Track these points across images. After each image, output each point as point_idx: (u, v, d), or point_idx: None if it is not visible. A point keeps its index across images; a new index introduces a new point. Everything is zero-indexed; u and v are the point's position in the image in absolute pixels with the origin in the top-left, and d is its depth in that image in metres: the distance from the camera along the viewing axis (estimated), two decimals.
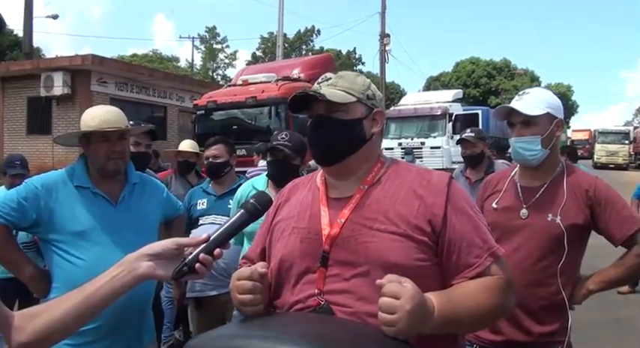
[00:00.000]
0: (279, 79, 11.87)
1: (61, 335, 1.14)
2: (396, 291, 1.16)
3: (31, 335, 1.09)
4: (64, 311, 1.12)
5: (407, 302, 1.14)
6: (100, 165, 2.28)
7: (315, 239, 1.40)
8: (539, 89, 2.28)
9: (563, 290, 2.12)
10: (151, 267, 1.19)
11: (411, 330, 1.16)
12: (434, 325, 1.22)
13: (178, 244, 1.23)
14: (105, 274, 1.18)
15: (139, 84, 17.91)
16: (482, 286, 1.32)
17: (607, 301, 4.89)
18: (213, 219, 3.54)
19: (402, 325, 1.14)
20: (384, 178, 1.44)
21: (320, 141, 1.46)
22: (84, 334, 2.12)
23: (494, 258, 1.34)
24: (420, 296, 1.18)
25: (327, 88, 1.44)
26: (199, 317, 3.68)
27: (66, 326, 1.13)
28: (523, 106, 2.14)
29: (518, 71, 53.05)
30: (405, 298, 1.15)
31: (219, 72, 52.99)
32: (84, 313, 1.14)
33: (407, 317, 1.14)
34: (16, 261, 2.30)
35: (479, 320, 1.35)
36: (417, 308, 1.15)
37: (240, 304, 1.34)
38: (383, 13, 27.06)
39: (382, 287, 1.18)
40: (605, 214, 2.12)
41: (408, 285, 1.17)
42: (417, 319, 1.16)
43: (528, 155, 2.17)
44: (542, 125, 2.15)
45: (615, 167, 28.84)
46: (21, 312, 1.13)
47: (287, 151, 2.87)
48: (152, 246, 1.22)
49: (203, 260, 1.23)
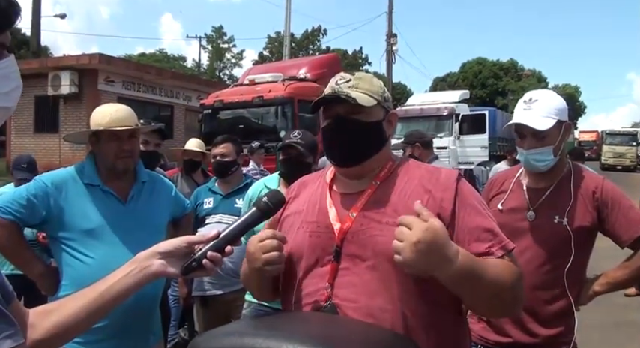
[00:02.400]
0: (286, 79, 11.84)
1: (74, 332, 1.16)
2: (410, 221, 1.17)
3: (45, 332, 1.10)
4: (78, 308, 1.14)
5: (415, 233, 1.14)
6: (110, 164, 2.28)
7: (324, 233, 1.40)
8: (546, 93, 2.22)
9: (570, 292, 2.11)
10: (163, 265, 1.21)
11: (417, 262, 1.16)
12: (451, 272, 1.20)
13: (189, 242, 1.24)
14: (117, 272, 1.20)
15: (146, 83, 17.97)
16: (503, 265, 1.31)
17: (613, 303, 4.86)
18: (219, 218, 3.55)
19: (406, 255, 1.15)
20: (394, 175, 1.45)
21: (341, 142, 1.45)
22: (93, 332, 2.11)
23: (505, 251, 1.33)
24: (437, 233, 1.16)
25: (350, 89, 1.43)
26: (205, 316, 3.68)
27: (79, 323, 1.14)
28: (534, 121, 2.08)
29: (525, 72, 52.87)
30: (417, 229, 1.15)
31: (225, 71, 53.12)
32: (97, 310, 1.16)
33: (412, 247, 1.14)
34: (26, 258, 2.31)
35: (493, 295, 1.30)
36: (425, 241, 1.14)
37: (266, 263, 1.35)
38: (390, 13, 27.02)
39: (400, 219, 1.19)
40: (611, 216, 2.10)
41: (427, 221, 1.16)
42: (426, 253, 1.15)
43: (541, 165, 2.15)
44: (554, 135, 2.12)
45: (623, 169, 28.66)
46: (35, 309, 1.14)
47: (300, 149, 2.86)
48: (163, 244, 1.24)
49: (211, 257, 1.23)
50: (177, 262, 1.23)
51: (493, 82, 51.33)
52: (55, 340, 1.12)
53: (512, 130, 2.24)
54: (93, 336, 2.12)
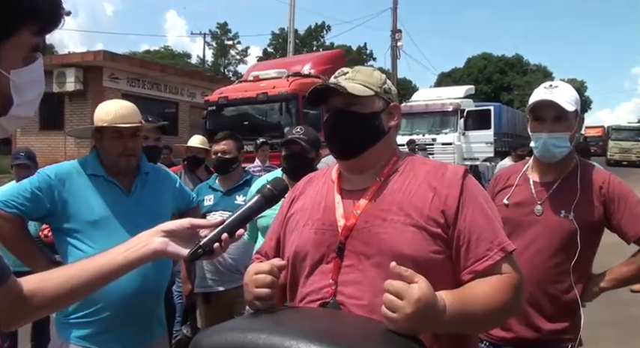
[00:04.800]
0: (290, 75, 11.86)
1: (71, 299, 1.23)
2: (400, 290, 1.13)
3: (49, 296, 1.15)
4: (79, 277, 1.18)
5: (408, 305, 1.11)
6: (113, 161, 2.29)
7: (329, 230, 1.41)
8: (564, 83, 2.23)
9: (575, 288, 2.10)
10: (164, 243, 1.21)
11: (412, 330, 1.15)
12: (443, 326, 1.20)
13: (192, 224, 1.25)
14: (120, 246, 1.22)
15: (151, 80, 18.01)
16: (494, 286, 1.30)
17: (619, 299, 4.84)
18: (220, 215, 3.54)
19: (401, 325, 1.13)
20: (400, 171, 1.44)
21: (338, 134, 1.46)
22: (94, 324, 2.14)
23: (505, 254, 1.33)
24: (427, 299, 1.13)
25: (345, 81, 1.45)
26: (208, 312, 3.69)
27: (77, 292, 1.19)
28: (560, 101, 2.09)
29: (530, 67, 52.63)
30: (408, 300, 1.12)
31: (230, 68, 53.19)
32: (96, 281, 1.19)
33: (406, 319, 1.12)
34: (30, 251, 2.31)
35: (489, 320, 1.33)
36: (419, 312, 1.12)
37: (256, 298, 1.33)
38: (395, 8, 26.93)
39: (388, 285, 1.16)
40: (618, 211, 2.09)
41: (416, 286, 1.13)
42: (420, 321, 1.13)
43: (558, 152, 2.14)
44: (572, 122, 2.14)
45: (629, 164, 28.50)
46: (31, 277, 1.18)
47: (303, 144, 2.87)
48: (167, 223, 1.24)
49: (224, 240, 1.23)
50: (180, 243, 1.23)
51: (498, 77, 51.17)
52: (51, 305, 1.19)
53: (527, 115, 2.23)
54: (95, 328, 2.13)
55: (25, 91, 0.92)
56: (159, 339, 2.38)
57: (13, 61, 0.89)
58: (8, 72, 0.88)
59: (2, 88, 0.89)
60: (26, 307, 1.12)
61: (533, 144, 2.21)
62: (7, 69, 0.88)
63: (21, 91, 0.91)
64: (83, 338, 2.15)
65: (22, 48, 0.90)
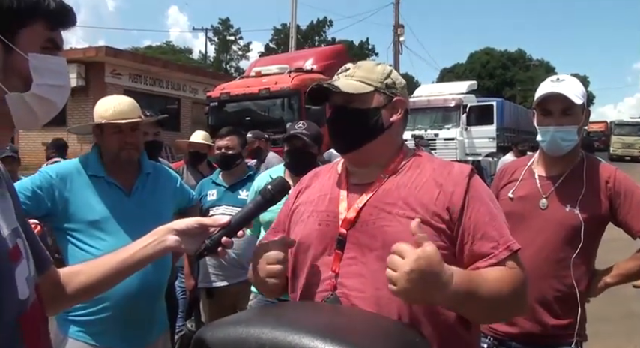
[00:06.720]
0: (292, 71, 11.84)
1: (97, 292, 1.35)
2: (402, 250, 1.16)
3: (74, 290, 1.27)
4: (101, 273, 1.30)
5: (408, 263, 1.13)
6: (114, 155, 2.29)
7: (333, 222, 1.42)
8: (570, 77, 2.22)
9: (577, 283, 2.09)
10: (177, 241, 1.32)
11: (411, 291, 1.15)
12: (446, 296, 1.19)
13: (200, 224, 1.34)
14: (138, 242, 1.33)
15: (153, 76, 18.02)
16: (502, 275, 1.30)
17: (622, 295, 4.83)
18: (223, 210, 3.54)
19: (400, 285, 1.14)
20: (406, 167, 1.45)
21: (337, 130, 1.48)
22: (95, 321, 2.14)
23: (510, 252, 1.32)
24: (429, 260, 1.14)
25: (344, 79, 1.46)
26: (211, 307, 3.71)
27: (103, 285, 1.32)
28: (568, 93, 2.08)
29: (533, 62, 52.51)
30: (409, 258, 1.13)
31: (232, 64, 53.19)
32: (118, 275, 1.32)
33: (405, 277, 1.13)
34: None
35: (493, 306, 1.30)
36: (418, 270, 1.13)
37: (268, 276, 1.38)
38: (397, 3, 26.85)
39: (395, 246, 1.18)
40: (624, 206, 2.08)
41: (421, 248, 1.15)
42: (420, 282, 1.14)
43: (565, 145, 2.13)
44: (579, 115, 2.13)
45: (631, 159, 28.42)
46: (64, 270, 1.30)
47: (305, 139, 2.87)
48: (178, 222, 1.34)
49: (225, 243, 1.33)
50: (189, 241, 1.33)
51: (501, 72, 51.09)
52: (81, 296, 1.31)
53: (533, 110, 2.22)
54: (96, 326, 2.13)
55: (46, 74, 1.03)
56: (160, 336, 2.38)
57: (31, 46, 1.01)
58: (26, 54, 1.00)
59: (22, 67, 1.00)
60: (63, 294, 1.25)
61: (540, 137, 2.19)
62: (25, 51, 1.00)
63: (41, 73, 1.02)
64: (83, 334, 2.16)
65: (37, 38, 1.02)
